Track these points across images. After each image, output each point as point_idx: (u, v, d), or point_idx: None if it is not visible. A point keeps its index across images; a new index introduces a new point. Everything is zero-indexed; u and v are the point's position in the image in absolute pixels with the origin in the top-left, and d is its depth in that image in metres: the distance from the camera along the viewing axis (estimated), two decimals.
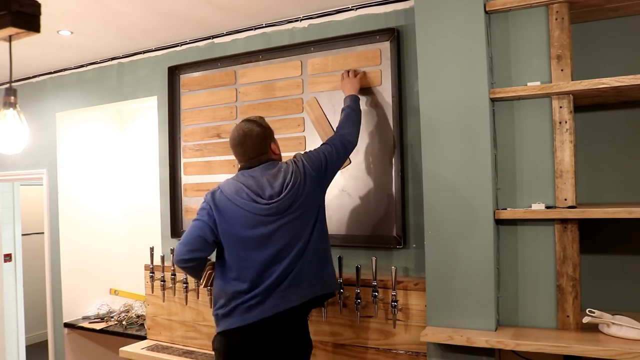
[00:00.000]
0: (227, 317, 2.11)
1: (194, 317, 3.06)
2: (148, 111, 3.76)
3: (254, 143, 2.19)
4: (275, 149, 2.26)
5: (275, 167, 2.19)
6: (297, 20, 2.81)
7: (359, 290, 2.43)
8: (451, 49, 2.13)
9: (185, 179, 3.20)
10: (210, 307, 2.91)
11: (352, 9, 2.64)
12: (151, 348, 3.09)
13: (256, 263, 2.09)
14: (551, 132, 2.03)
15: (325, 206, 2.28)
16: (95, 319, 3.80)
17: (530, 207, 2.05)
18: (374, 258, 2.40)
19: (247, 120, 2.25)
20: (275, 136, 2.52)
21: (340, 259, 2.50)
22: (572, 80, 2.00)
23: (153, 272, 3.17)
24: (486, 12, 2.11)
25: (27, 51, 3.28)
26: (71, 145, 3.89)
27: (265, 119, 2.83)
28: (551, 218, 2.00)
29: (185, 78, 3.20)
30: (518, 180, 2.10)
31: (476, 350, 2.04)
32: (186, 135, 3.19)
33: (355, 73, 2.56)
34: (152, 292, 3.19)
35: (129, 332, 3.51)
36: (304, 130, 2.77)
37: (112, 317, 3.75)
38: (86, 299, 3.92)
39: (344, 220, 2.65)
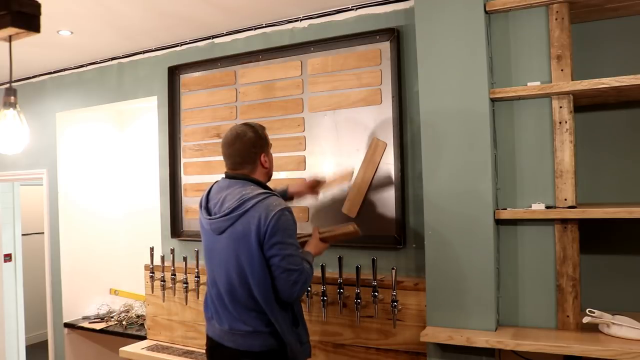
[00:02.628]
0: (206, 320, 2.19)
1: (194, 317, 3.06)
2: (148, 111, 3.76)
3: (243, 148, 2.06)
4: (265, 162, 2.10)
5: (242, 187, 2.03)
6: (297, 20, 2.81)
7: (359, 290, 2.43)
8: (451, 49, 2.13)
9: (185, 179, 3.20)
10: None
11: (352, 9, 2.64)
12: (151, 348, 3.09)
13: (209, 273, 2.12)
14: (551, 132, 2.03)
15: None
16: (95, 319, 3.79)
17: (530, 207, 2.05)
18: (374, 258, 2.40)
19: (245, 124, 2.13)
20: (275, 136, 2.53)
21: (340, 259, 2.50)
22: (572, 80, 2.00)
23: (153, 272, 3.17)
24: (486, 12, 2.11)
25: (27, 51, 3.28)
26: (71, 145, 3.88)
27: (265, 119, 2.85)
28: (551, 218, 2.00)
29: (185, 78, 3.20)
30: (518, 180, 2.10)
31: (476, 350, 2.04)
32: (186, 135, 3.19)
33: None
34: (152, 292, 3.19)
35: (129, 332, 3.51)
36: (303, 131, 2.76)
37: (112, 317, 3.75)
38: (86, 299, 3.91)
39: (344, 220, 2.64)
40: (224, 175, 2.15)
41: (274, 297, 1.95)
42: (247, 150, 2.07)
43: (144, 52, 3.37)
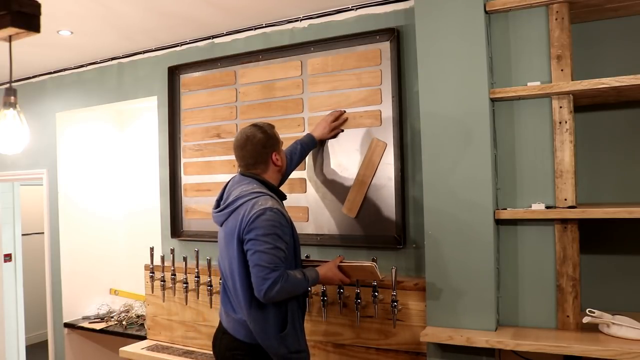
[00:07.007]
0: None
1: (194, 317, 3.06)
2: (148, 111, 3.76)
3: (254, 150, 2.10)
4: (277, 160, 2.14)
5: (247, 184, 2.09)
6: (297, 20, 2.81)
7: (359, 290, 2.43)
8: (451, 49, 2.13)
9: (185, 179, 3.20)
10: (210, 308, 2.93)
11: (352, 9, 2.64)
12: (151, 348, 3.09)
13: (219, 264, 2.21)
14: (551, 132, 2.03)
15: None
16: (95, 319, 3.79)
17: (530, 207, 2.05)
18: (374, 258, 2.40)
19: (254, 125, 2.16)
20: None
21: None
22: (572, 80, 2.00)
23: (153, 272, 3.17)
24: (486, 12, 2.11)
25: (27, 51, 3.28)
26: (71, 145, 3.88)
27: (265, 119, 2.85)
28: (551, 218, 2.00)
29: (185, 78, 3.20)
30: (518, 180, 2.10)
31: (476, 350, 2.04)
32: (186, 135, 3.19)
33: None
34: (152, 292, 3.19)
35: (129, 332, 3.51)
36: (304, 131, 2.76)
37: (112, 317, 3.75)
38: (86, 299, 3.91)
39: (344, 220, 2.64)
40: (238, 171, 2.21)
41: (251, 294, 1.98)
42: (258, 152, 2.11)
43: (144, 52, 3.37)
